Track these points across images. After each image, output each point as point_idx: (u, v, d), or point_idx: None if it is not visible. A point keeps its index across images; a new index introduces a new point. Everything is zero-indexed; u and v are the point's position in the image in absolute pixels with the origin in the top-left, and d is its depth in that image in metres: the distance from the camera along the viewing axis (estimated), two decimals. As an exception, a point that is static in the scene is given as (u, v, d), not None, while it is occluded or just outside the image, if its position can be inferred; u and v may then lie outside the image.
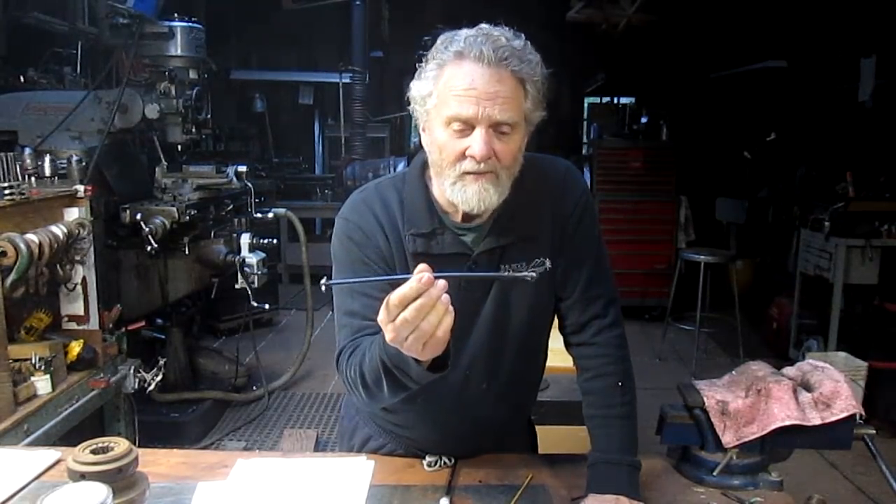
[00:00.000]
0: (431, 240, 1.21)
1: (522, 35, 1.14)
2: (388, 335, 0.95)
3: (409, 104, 1.19)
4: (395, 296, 0.92)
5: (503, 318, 1.26)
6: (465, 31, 1.12)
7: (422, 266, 0.94)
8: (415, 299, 0.92)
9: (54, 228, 2.25)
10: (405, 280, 0.93)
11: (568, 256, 1.28)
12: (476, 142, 1.09)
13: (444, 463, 1.33)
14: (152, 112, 3.50)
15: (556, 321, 1.37)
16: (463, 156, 1.11)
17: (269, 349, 4.87)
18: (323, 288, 1.04)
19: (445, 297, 0.93)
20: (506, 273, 1.17)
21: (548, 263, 1.25)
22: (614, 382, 1.28)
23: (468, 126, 1.10)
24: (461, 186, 1.13)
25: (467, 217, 1.21)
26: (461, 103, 1.08)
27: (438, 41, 1.13)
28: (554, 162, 1.32)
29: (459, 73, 1.09)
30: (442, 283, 0.93)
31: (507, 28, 1.14)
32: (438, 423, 1.32)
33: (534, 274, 1.06)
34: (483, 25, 1.13)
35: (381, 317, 0.95)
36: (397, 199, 1.24)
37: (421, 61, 1.16)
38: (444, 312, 0.93)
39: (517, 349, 1.29)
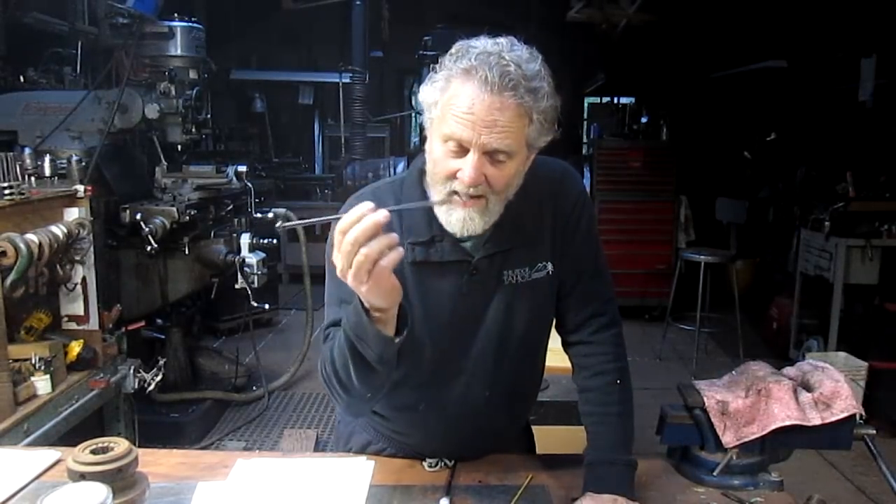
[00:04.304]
0: (431, 247, 1.19)
1: (540, 58, 1.08)
2: (338, 266, 0.98)
3: (410, 104, 1.19)
4: (341, 223, 0.96)
5: (506, 324, 1.24)
6: (480, 44, 1.07)
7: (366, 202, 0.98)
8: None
9: (54, 228, 2.25)
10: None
11: (567, 255, 1.27)
12: (467, 166, 1.07)
13: (445, 464, 1.33)
14: (152, 112, 3.50)
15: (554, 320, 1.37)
16: (454, 176, 1.09)
17: (269, 349, 4.87)
18: (278, 229, 1.07)
19: (393, 234, 0.97)
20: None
21: (550, 267, 1.25)
22: (612, 380, 1.28)
23: (462, 148, 1.07)
24: (448, 209, 1.12)
25: None
26: (458, 124, 1.05)
27: (454, 48, 1.09)
28: (551, 163, 1.30)
29: (462, 93, 1.05)
30: (383, 211, 0.96)
31: (526, 47, 1.09)
32: (438, 430, 1.31)
33: None
34: (500, 40, 1.07)
35: (334, 254, 0.98)
36: (394, 205, 1.22)
37: (422, 62, 1.15)
38: (386, 243, 0.96)
39: (519, 355, 1.28)
